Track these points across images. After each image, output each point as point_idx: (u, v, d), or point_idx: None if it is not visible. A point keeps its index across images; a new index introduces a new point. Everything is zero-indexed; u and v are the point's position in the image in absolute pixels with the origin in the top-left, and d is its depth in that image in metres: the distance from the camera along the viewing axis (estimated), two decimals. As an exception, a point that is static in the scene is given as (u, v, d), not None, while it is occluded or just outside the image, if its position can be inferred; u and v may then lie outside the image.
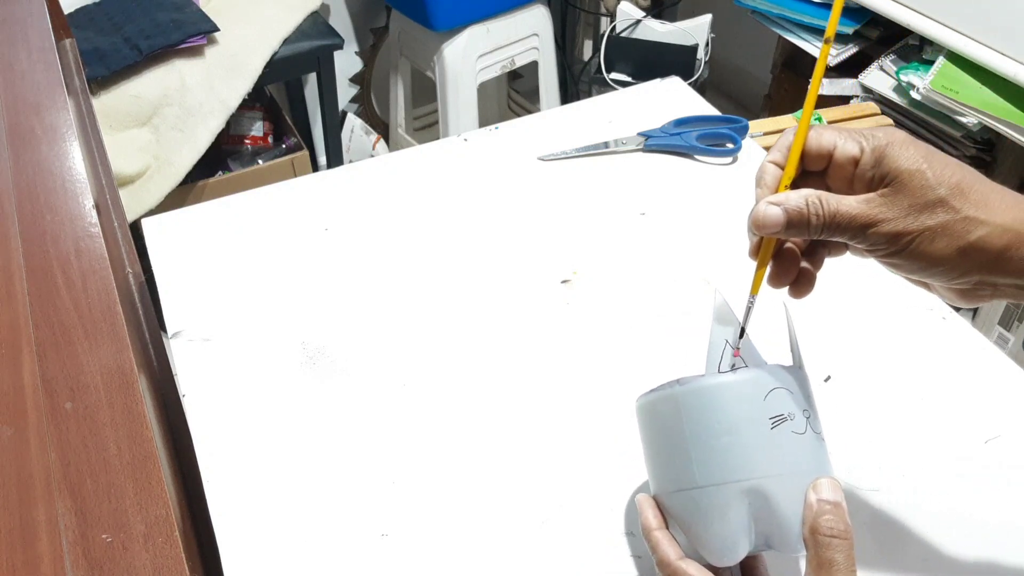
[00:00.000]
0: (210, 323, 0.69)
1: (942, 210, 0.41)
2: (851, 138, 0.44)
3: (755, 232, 0.44)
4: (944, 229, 0.41)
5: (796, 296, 0.47)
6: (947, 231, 0.41)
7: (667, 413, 0.46)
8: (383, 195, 0.83)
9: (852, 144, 0.43)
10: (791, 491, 0.43)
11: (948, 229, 0.41)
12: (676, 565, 0.45)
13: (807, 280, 0.47)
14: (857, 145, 0.43)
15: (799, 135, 0.44)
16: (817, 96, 0.45)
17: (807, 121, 0.45)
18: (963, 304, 0.45)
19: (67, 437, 0.45)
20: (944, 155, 0.42)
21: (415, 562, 0.54)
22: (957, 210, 0.41)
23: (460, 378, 0.65)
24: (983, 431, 0.61)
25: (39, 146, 0.66)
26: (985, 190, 0.41)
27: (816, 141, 0.44)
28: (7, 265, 0.55)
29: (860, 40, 1.58)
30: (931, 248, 0.41)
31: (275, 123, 1.90)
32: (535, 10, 1.92)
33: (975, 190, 0.41)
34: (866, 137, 0.43)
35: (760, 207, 0.44)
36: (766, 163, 0.46)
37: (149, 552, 0.40)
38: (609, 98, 0.95)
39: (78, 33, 1.53)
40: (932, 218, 0.41)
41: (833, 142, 0.44)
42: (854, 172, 0.43)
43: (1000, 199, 0.41)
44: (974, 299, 0.44)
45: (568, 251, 0.76)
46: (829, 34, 0.44)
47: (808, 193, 0.43)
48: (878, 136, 0.43)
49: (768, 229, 0.44)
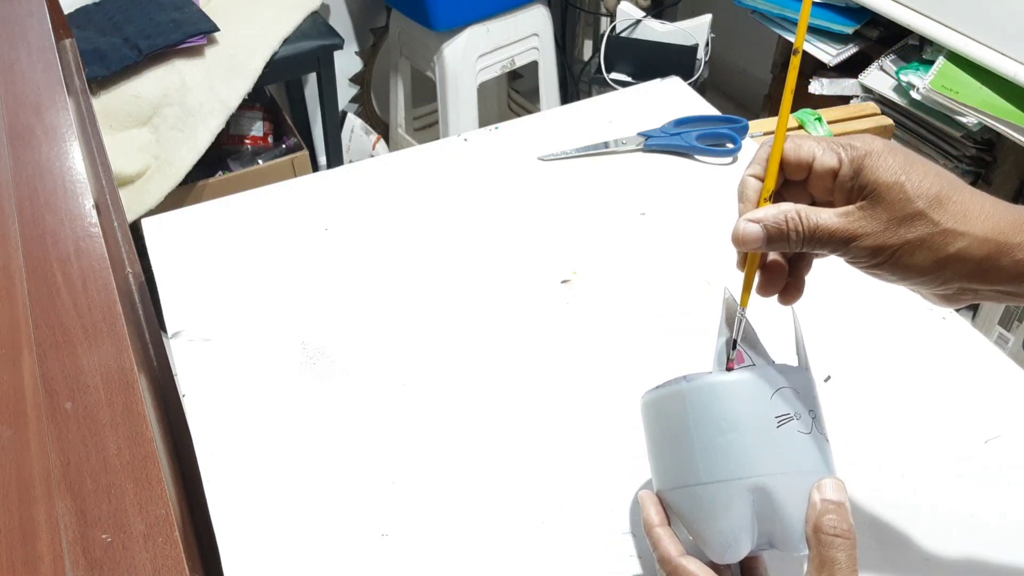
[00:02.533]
0: (210, 323, 0.69)
1: (920, 223, 0.41)
2: (830, 149, 0.43)
3: (737, 247, 0.45)
4: (923, 242, 0.41)
5: (785, 303, 0.48)
6: (926, 244, 0.41)
7: (673, 409, 0.46)
8: (383, 195, 0.83)
9: (831, 155, 0.43)
10: (795, 490, 0.43)
11: (927, 242, 0.41)
12: (677, 562, 0.44)
13: (795, 288, 0.47)
14: (835, 156, 0.43)
15: (775, 149, 0.44)
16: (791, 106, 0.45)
17: (782, 134, 0.44)
18: (948, 306, 0.46)
19: (67, 437, 0.45)
20: (924, 163, 0.42)
21: (415, 562, 0.54)
22: (936, 223, 0.41)
23: (460, 378, 0.65)
24: (983, 431, 0.61)
25: (39, 146, 0.66)
26: (965, 199, 0.41)
27: (795, 152, 0.44)
28: (7, 265, 0.55)
29: (860, 40, 1.58)
30: (911, 260, 0.41)
31: (275, 123, 1.90)
32: (535, 10, 1.92)
33: (954, 201, 0.41)
34: (844, 148, 0.43)
35: (739, 225, 0.44)
36: (746, 177, 0.46)
37: (149, 552, 0.40)
38: (609, 98, 0.95)
39: (78, 33, 1.53)
40: (911, 231, 0.41)
41: (812, 153, 0.44)
42: (833, 184, 0.43)
43: (980, 208, 0.41)
44: (957, 302, 0.45)
45: (568, 251, 0.76)
46: (798, 45, 0.44)
47: (787, 208, 0.43)
48: (856, 146, 0.43)
49: (749, 246, 0.44)
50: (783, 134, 0.44)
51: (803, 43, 0.45)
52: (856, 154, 0.42)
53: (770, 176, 0.45)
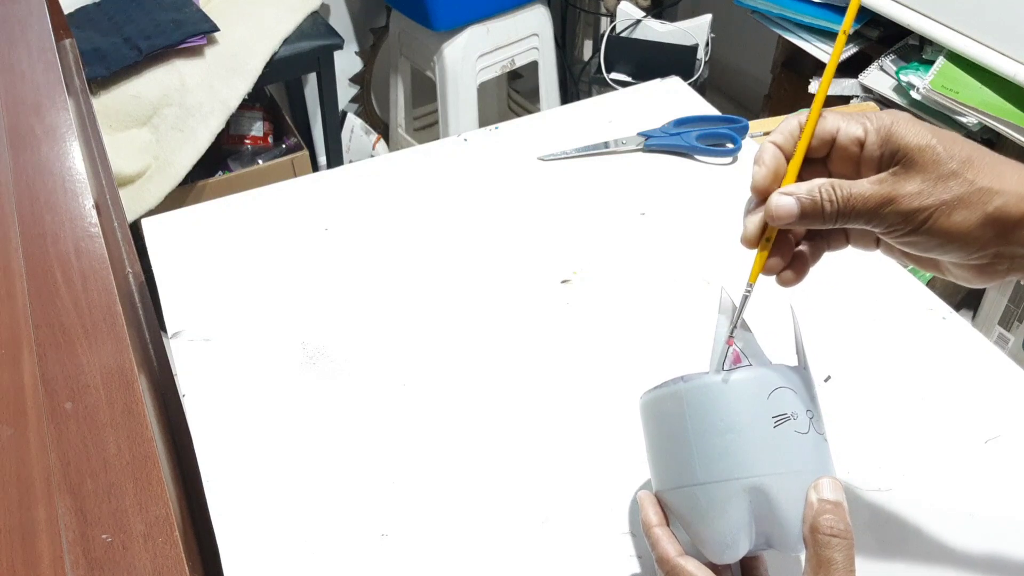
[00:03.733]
0: (210, 323, 0.69)
1: (956, 183, 0.40)
2: (854, 120, 0.43)
3: (770, 222, 0.43)
4: (961, 202, 0.40)
5: (784, 284, 0.46)
6: (964, 203, 0.40)
7: (670, 410, 0.46)
8: (383, 195, 0.83)
9: (856, 126, 0.43)
10: (792, 490, 0.43)
11: (965, 201, 0.40)
12: (675, 562, 0.44)
13: (799, 269, 0.46)
14: (861, 126, 0.43)
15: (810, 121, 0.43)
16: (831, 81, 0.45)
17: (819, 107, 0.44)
18: (977, 283, 0.44)
19: (67, 437, 0.45)
20: (950, 132, 0.42)
21: (415, 562, 0.54)
22: (971, 182, 0.40)
23: (460, 378, 0.65)
24: (983, 431, 0.61)
25: (39, 146, 0.66)
26: (995, 161, 0.41)
27: (820, 126, 0.44)
28: (7, 265, 0.55)
29: (860, 40, 1.58)
30: (949, 222, 0.41)
31: (275, 123, 1.90)
32: (535, 10, 1.92)
33: (986, 162, 0.41)
34: (869, 119, 0.43)
35: (772, 198, 0.43)
36: (766, 143, 0.45)
37: (149, 552, 0.40)
38: (609, 98, 0.95)
39: (78, 33, 1.53)
40: (948, 191, 0.40)
41: (836, 125, 0.43)
42: (860, 155, 0.43)
43: (1012, 170, 0.41)
44: (989, 275, 0.44)
45: (568, 251, 0.76)
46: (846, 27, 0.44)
47: (820, 181, 0.42)
48: (882, 117, 0.42)
49: (782, 220, 0.43)
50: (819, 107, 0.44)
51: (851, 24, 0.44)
52: (882, 123, 0.42)
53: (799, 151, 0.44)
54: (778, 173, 0.44)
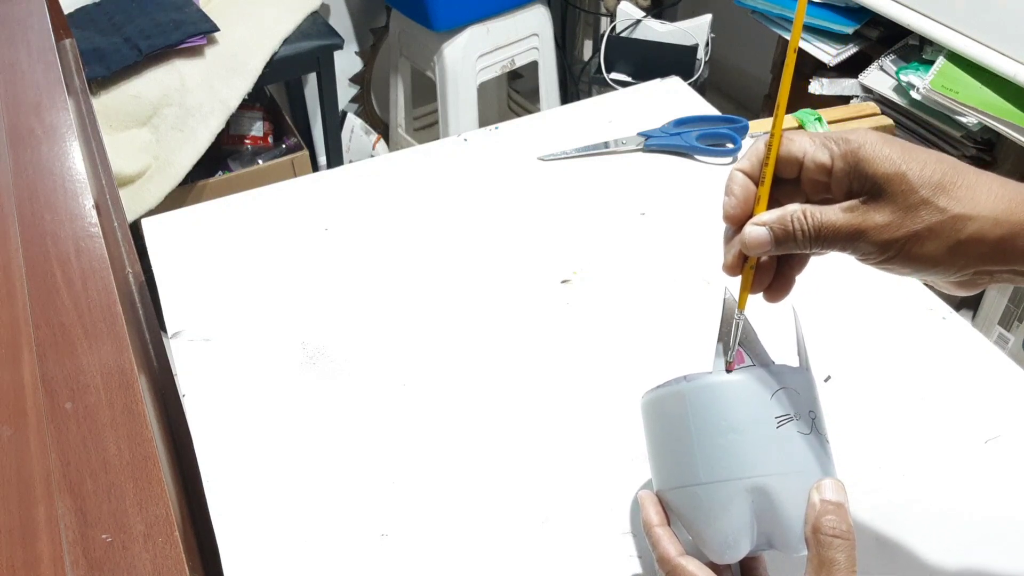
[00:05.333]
0: (210, 323, 0.69)
1: (927, 211, 0.39)
2: (821, 144, 0.42)
3: (747, 252, 0.44)
4: (931, 231, 0.40)
5: (771, 300, 0.46)
6: (935, 233, 0.40)
7: (673, 409, 0.46)
8: (383, 195, 0.83)
9: (822, 152, 0.42)
10: (794, 490, 0.43)
11: (936, 231, 0.39)
12: (676, 562, 0.44)
13: (782, 285, 0.46)
14: (827, 152, 0.42)
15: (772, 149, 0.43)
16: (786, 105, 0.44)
17: (778, 134, 0.43)
18: (962, 293, 0.44)
19: (67, 437, 0.45)
20: (922, 151, 0.41)
21: (415, 562, 0.54)
22: (943, 210, 0.39)
23: (460, 378, 0.65)
24: (983, 431, 0.61)
25: (39, 146, 0.66)
26: (970, 182, 0.40)
27: (786, 148, 0.43)
28: (7, 265, 0.55)
29: (860, 40, 1.58)
30: (922, 251, 0.40)
31: (275, 123, 1.90)
32: (535, 10, 1.92)
33: (959, 185, 0.40)
34: (836, 142, 0.42)
35: (746, 229, 0.43)
36: (734, 171, 0.44)
37: (149, 552, 0.40)
38: (609, 98, 0.95)
39: (78, 33, 1.53)
40: (918, 221, 0.40)
41: (803, 150, 0.43)
42: (828, 179, 0.42)
43: (988, 189, 0.40)
44: (973, 287, 0.43)
45: (568, 251, 0.76)
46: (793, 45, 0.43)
47: (791, 208, 0.42)
48: (850, 140, 0.41)
49: (757, 250, 0.43)
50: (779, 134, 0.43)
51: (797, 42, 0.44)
52: (849, 148, 0.41)
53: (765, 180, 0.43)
54: (748, 201, 0.44)
